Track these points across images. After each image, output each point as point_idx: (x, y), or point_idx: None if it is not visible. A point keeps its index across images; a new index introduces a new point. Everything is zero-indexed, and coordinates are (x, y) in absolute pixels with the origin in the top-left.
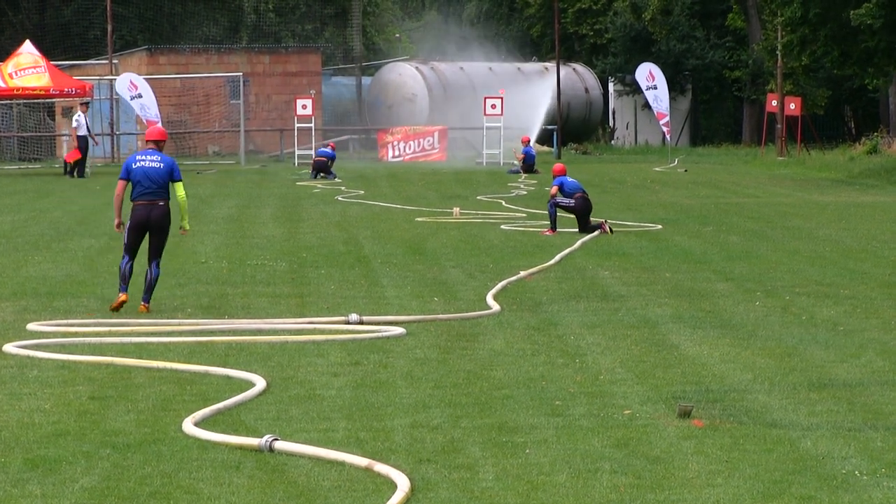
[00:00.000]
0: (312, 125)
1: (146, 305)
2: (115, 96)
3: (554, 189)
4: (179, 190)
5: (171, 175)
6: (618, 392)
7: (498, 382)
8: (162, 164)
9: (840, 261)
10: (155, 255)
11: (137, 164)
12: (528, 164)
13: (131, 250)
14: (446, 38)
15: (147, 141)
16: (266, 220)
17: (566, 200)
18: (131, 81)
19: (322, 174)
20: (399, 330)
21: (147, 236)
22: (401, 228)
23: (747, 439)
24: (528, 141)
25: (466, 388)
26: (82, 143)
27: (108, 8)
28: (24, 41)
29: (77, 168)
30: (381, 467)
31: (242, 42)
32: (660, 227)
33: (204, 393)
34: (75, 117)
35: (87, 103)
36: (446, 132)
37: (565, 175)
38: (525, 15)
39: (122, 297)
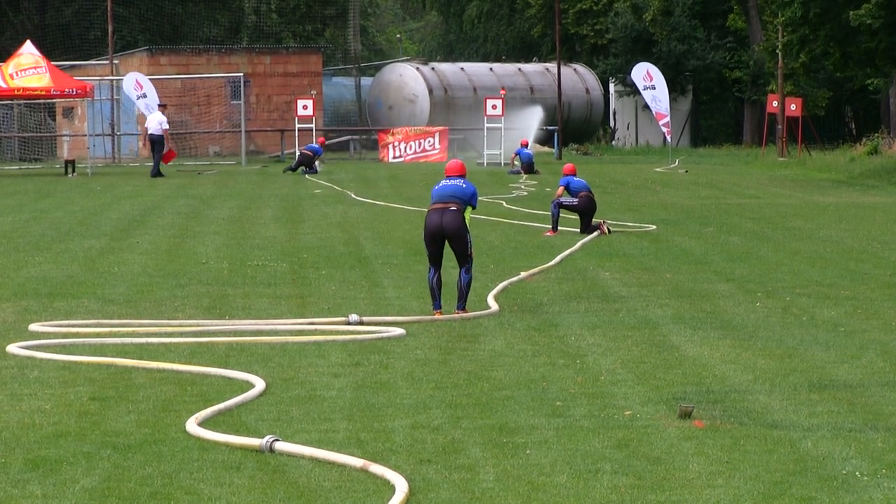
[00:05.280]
0: (313, 126)
1: (458, 311)
2: (115, 97)
3: (560, 190)
4: (467, 214)
5: (471, 199)
6: (618, 393)
7: (498, 383)
8: (465, 185)
9: (841, 262)
10: (461, 261)
11: (439, 185)
12: (528, 165)
13: (433, 260)
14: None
15: (448, 177)
16: (267, 221)
17: (570, 200)
18: (137, 81)
19: (306, 169)
20: (399, 331)
21: (448, 245)
22: (401, 229)
23: (748, 440)
24: (527, 144)
25: (467, 389)
26: (161, 143)
27: (109, 8)
28: (24, 42)
29: (157, 167)
30: (376, 468)
31: (243, 42)
32: (654, 227)
33: (204, 394)
34: (161, 119)
35: (164, 105)
36: (447, 133)
37: (574, 175)
38: (526, 15)
39: (435, 313)
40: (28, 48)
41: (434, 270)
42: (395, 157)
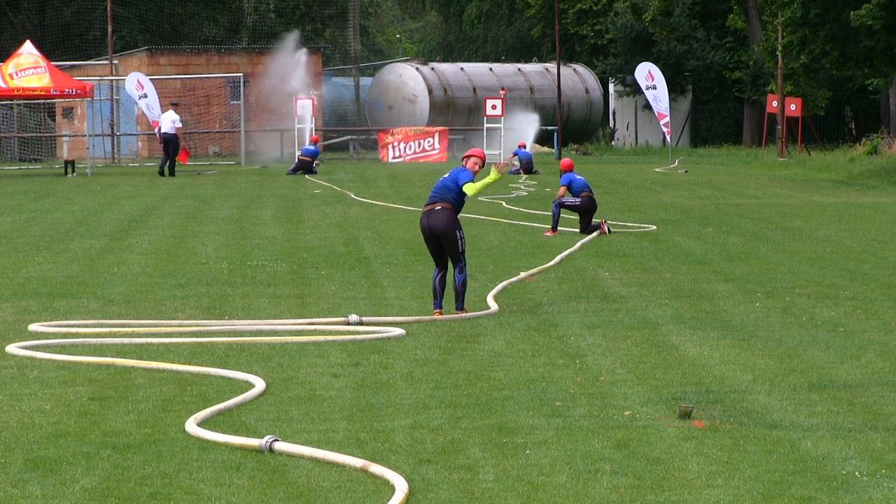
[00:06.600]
0: (313, 125)
1: (457, 311)
2: (115, 97)
3: (561, 190)
4: (469, 189)
5: (457, 181)
6: (618, 393)
7: (498, 383)
8: (453, 184)
9: (840, 262)
10: (454, 261)
11: (440, 179)
12: (527, 164)
13: (436, 260)
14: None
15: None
16: (266, 221)
17: (571, 199)
18: (138, 81)
19: (305, 173)
20: (399, 331)
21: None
22: (401, 229)
23: (747, 440)
24: (524, 146)
25: (467, 389)
26: (175, 142)
27: (109, 9)
28: (24, 42)
29: (170, 166)
30: (376, 468)
31: (243, 42)
32: (653, 227)
33: (204, 394)
34: (174, 118)
35: (176, 103)
36: (447, 133)
37: (572, 171)
38: (525, 16)
39: (435, 313)
40: (28, 48)
41: (439, 270)
42: (394, 158)
